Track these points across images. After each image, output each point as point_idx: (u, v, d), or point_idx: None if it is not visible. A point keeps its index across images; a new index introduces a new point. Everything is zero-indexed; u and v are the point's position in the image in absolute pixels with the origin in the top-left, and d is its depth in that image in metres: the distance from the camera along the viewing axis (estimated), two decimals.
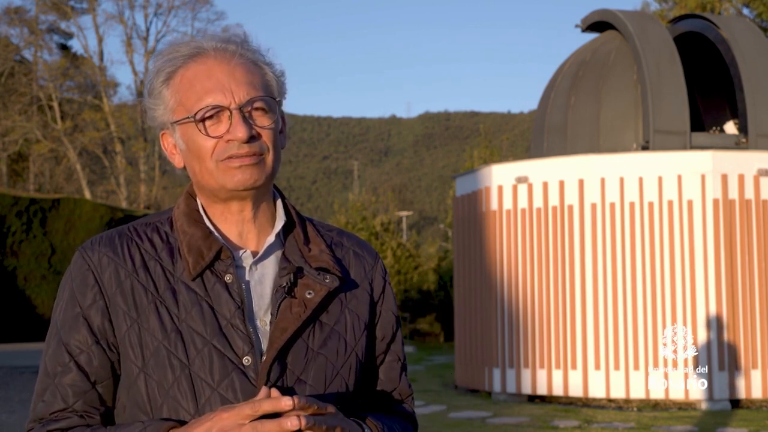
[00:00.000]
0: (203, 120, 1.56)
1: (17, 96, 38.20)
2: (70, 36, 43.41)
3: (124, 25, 41.82)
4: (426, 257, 32.43)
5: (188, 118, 1.56)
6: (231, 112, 1.55)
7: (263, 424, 1.39)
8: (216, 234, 1.60)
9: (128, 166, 40.87)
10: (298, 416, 1.39)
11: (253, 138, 1.55)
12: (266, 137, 1.57)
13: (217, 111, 1.56)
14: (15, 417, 10.26)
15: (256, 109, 1.58)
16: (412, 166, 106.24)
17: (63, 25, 42.85)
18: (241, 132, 1.54)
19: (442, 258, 30.83)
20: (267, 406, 1.40)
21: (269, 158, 1.58)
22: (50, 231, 24.16)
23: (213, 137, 1.55)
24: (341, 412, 1.52)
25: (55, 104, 39.23)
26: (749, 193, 11.19)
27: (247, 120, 1.56)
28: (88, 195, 37.56)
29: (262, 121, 1.58)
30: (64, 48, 43.16)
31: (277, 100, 1.62)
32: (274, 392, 1.44)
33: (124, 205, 38.38)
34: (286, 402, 1.39)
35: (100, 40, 43.59)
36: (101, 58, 41.75)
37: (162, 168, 41.13)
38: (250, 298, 1.58)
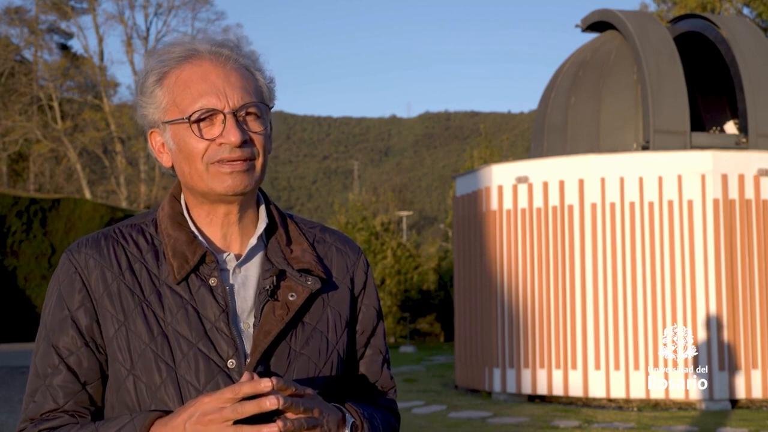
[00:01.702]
0: (198, 122, 1.57)
1: (17, 96, 38.16)
2: (70, 36, 43.40)
3: (124, 25, 41.78)
4: (426, 257, 32.41)
5: (182, 119, 1.58)
6: (225, 116, 1.57)
7: (243, 405, 1.39)
8: (200, 238, 1.62)
9: (128, 166, 40.83)
10: (277, 396, 1.39)
11: (245, 143, 1.57)
12: (258, 142, 1.59)
13: (211, 114, 1.57)
14: (15, 417, 10.26)
15: (249, 114, 1.60)
16: (412, 166, 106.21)
17: (63, 25, 42.84)
18: (234, 136, 1.55)
19: (442, 258, 30.83)
20: (247, 389, 1.40)
21: (259, 163, 1.60)
22: (50, 231, 24.16)
23: (206, 139, 1.57)
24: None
25: (55, 104, 39.21)
26: (749, 193, 11.19)
27: (241, 124, 1.58)
28: (88, 195, 37.55)
29: (255, 126, 1.60)
30: (64, 48, 43.13)
31: (269, 106, 1.64)
32: (257, 377, 1.44)
33: (124, 205, 38.37)
34: (265, 384, 1.39)
35: (100, 40, 43.61)
36: (101, 58, 41.72)
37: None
38: (234, 301, 1.60)
